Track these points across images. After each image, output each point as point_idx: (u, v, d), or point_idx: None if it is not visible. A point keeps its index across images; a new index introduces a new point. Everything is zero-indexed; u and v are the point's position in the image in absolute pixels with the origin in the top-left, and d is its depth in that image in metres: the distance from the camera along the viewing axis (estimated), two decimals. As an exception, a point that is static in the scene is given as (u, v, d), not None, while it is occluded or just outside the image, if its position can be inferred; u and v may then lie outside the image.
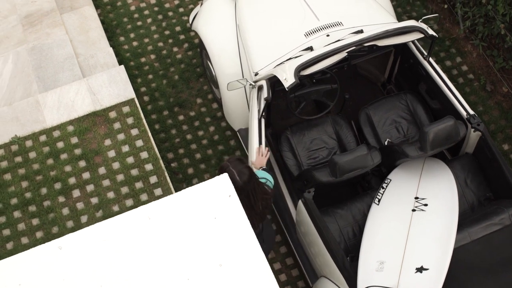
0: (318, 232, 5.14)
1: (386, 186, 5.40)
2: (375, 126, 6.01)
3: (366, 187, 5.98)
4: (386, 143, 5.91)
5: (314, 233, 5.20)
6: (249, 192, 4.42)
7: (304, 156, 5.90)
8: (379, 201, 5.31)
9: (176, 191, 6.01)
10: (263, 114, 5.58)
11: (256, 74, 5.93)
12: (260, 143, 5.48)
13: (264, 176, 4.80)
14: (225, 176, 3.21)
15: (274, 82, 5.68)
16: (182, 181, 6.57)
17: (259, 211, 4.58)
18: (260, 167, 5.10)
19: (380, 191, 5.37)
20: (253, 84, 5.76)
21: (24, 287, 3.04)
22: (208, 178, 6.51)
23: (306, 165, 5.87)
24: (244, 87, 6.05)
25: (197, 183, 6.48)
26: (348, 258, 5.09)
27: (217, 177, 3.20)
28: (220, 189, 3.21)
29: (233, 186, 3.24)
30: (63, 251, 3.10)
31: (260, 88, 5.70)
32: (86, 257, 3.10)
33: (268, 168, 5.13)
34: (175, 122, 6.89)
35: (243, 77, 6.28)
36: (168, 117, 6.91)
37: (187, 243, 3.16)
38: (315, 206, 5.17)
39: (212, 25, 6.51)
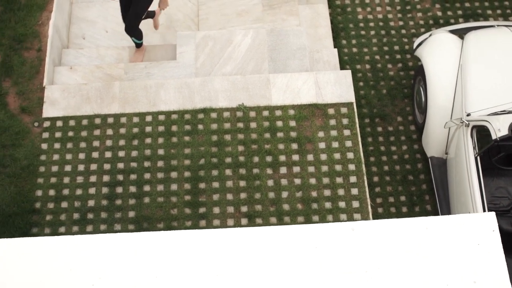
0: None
1: None
2: None
3: (534, 244, 6.42)
4: None
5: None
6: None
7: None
8: (548, 261, 5.78)
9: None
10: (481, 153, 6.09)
11: (468, 114, 6.44)
12: (479, 179, 6.00)
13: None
14: (492, 215, 3.80)
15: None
16: (366, 186, 7.18)
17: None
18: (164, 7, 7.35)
19: None
20: (468, 122, 6.27)
21: (320, 251, 3.72)
22: (389, 190, 7.12)
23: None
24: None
25: (379, 192, 7.11)
26: None
27: (486, 213, 3.79)
28: (486, 224, 3.81)
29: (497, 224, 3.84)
30: (355, 233, 3.76)
31: (474, 127, 6.22)
32: (377, 242, 3.75)
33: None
34: (373, 131, 7.50)
35: (452, 111, 6.80)
36: (368, 125, 7.52)
37: (450, 259, 3.76)
38: None
39: (437, 58, 7.03)
